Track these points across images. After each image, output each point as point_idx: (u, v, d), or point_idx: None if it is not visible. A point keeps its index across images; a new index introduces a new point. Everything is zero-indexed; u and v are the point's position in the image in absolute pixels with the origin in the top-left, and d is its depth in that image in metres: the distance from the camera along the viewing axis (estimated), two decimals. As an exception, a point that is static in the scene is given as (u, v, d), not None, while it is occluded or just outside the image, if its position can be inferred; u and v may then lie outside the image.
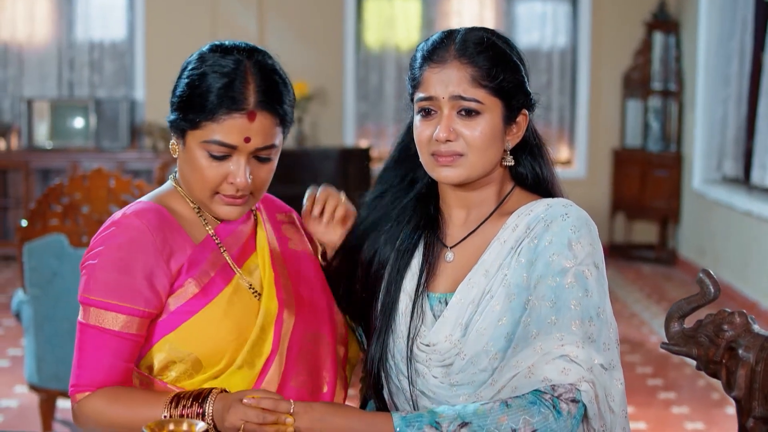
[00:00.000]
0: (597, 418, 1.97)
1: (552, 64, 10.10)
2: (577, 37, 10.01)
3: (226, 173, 2.06)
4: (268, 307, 2.14)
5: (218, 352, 2.07)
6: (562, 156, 10.09)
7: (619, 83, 9.97)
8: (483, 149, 2.08)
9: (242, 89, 2.03)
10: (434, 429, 1.91)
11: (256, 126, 2.04)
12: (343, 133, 10.07)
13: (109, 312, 2.03)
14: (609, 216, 9.99)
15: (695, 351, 1.67)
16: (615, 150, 10.00)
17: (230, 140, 2.03)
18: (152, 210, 2.11)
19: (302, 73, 9.69)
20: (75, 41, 9.92)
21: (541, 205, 2.09)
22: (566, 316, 1.97)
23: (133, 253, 2.05)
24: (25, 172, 9.26)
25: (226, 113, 2.03)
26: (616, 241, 9.99)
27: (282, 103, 2.07)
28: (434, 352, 2.09)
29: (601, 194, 10.06)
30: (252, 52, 2.09)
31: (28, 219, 4.34)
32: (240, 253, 2.18)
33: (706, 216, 8.83)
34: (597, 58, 9.98)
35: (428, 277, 2.16)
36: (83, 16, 9.92)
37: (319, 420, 1.91)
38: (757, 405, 1.59)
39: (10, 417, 5.13)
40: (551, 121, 10.10)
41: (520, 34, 10.12)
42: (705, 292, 1.68)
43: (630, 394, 5.58)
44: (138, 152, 9.47)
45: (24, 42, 9.87)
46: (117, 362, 2.04)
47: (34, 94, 9.76)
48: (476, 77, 2.06)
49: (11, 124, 9.78)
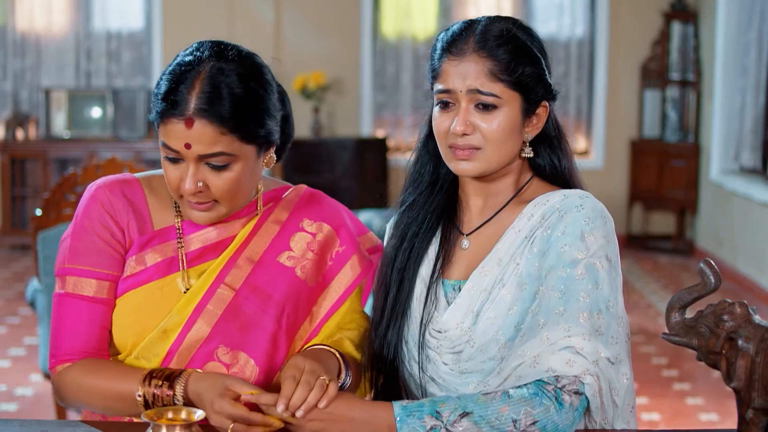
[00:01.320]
0: (599, 411, 1.97)
1: (570, 54, 10.06)
2: (594, 26, 9.97)
3: (182, 176, 2.02)
4: (181, 311, 2.09)
5: (120, 339, 2.10)
6: (580, 146, 10.05)
7: (636, 73, 9.93)
8: (500, 143, 2.07)
9: (185, 94, 1.96)
10: (434, 419, 1.91)
11: (195, 133, 1.96)
12: (359, 123, 10.06)
13: (82, 278, 2.08)
14: (626, 207, 9.96)
15: (695, 341, 1.67)
16: (632, 140, 9.97)
17: (172, 145, 1.99)
18: (124, 183, 2.15)
19: (319, 63, 9.70)
20: (92, 31, 9.94)
21: (557, 195, 2.08)
22: (574, 307, 1.96)
23: (94, 221, 2.09)
24: (42, 162, 9.30)
25: (167, 117, 1.98)
26: (633, 232, 9.96)
27: (228, 111, 1.97)
28: (445, 338, 2.09)
29: (618, 185, 10.03)
30: (220, 56, 2.01)
31: (42, 208, 4.35)
32: (198, 254, 2.13)
33: (723, 206, 8.80)
34: (615, 48, 9.94)
35: (444, 264, 2.15)
36: (101, 7, 9.95)
37: (320, 411, 1.90)
38: (757, 396, 1.58)
39: (25, 405, 5.17)
40: (569, 111, 10.06)
41: (537, 24, 10.08)
42: (706, 282, 1.67)
43: (645, 386, 5.59)
44: (155, 142, 9.47)
45: (42, 32, 9.90)
46: (93, 328, 2.08)
47: (52, 83, 9.79)
48: (494, 71, 2.04)
49: (29, 114, 9.82)
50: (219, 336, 2.07)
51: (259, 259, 2.13)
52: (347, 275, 2.20)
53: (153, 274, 2.10)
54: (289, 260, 2.15)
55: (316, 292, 2.17)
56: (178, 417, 1.74)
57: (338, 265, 2.20)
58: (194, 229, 2.13)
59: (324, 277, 2.19)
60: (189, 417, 1.74)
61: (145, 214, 2.13)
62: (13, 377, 5.65)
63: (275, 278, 2.12)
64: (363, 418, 1.92)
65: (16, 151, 9.38)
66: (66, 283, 2.08)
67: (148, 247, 2.11)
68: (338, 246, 2.21)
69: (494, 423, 1.90)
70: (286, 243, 2.16)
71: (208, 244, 2.13)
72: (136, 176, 2.19)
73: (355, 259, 2.22)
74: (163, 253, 2.11)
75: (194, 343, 2.06)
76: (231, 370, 2.06)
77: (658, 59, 9.70)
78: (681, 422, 5.10)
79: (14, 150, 9.37)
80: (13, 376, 5.66)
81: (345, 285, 2.20)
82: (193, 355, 2.06)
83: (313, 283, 2.16)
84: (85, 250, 2.09)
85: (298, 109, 9.76)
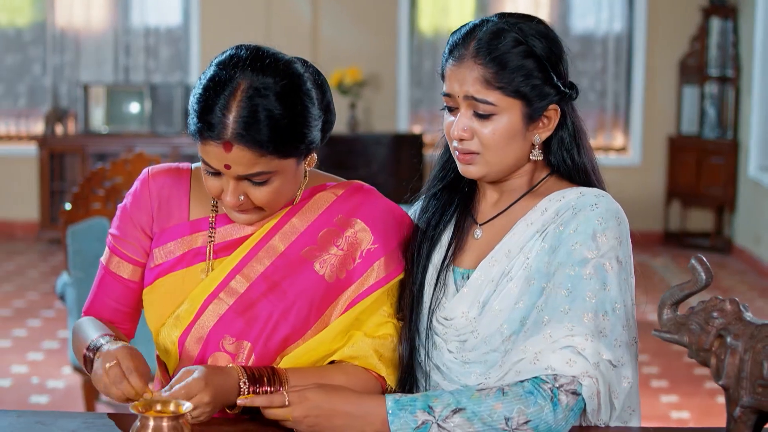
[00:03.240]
0: (595, 413, 1.96)
1: (607, 50, 9.99)
2: (632, 22, 9.89)
3: (222, 187, 2.02)
4: (194, 300, 2.11)
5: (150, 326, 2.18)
6: (617, 143, 9.99)
7: (675, 69, 9.85)
8: (499, 148, 2.05)
9: (221, 117, 1.93)
10: (427, 413, 1.91)
11: (233, 156, 1.95)
12: (396, 119, 10.06)
13: (110, 252, 2.19)
14: (664, 203, 9.89)
15: (686, 338, 1.65)
16: (670, 137, 9.88)
17: (212, 163, 1.98)
18: (173, 172, 2.20)
19: (356, 59, 9.70)
20: (131, 27, 10.01)
21: (573, 192, 2.06)
22: (580, 306, 1.95)
23: (132, 206, 2.18)
24: (81, 157, 9.38)
25: (205, 139, 1.96)
26: (671, 229, 9.89)
27: (267, 135, 1.94)
28: (451, 326, 2.09)
29: (656, 181, 9.95)
30: (258, 70, 1.96)
31: (71, 202, 4.40)
32: (227, 246, 2.14)
33: (762, 204, 8.71)
34: (653, 44, 9.86)
35: (456, 252, 2.15)
36: (139, 2, 10.02)
37: (314, 407, 1.92)
38: (745, 394, 1.56)
39: (56, 398, 5.24)
40: (606, 107, 9.99)
41: (575, 20, 10.04)
42: (696, 279, 1.65)
43: (675, 384, 5.56)
44: (192, 137, 9.53)
45: (81, 28, 9.98)
46: (107, 300, 2.20)
47: (91, 79, 9.87)
48: (489, 79, 2.02)
49: (68, 109, 9.91)
50: (226, 326, 2.08)
51: (282, 253, 2.11)
52: (372, 276, 2.13)
53: (179, 262, 2.13)
54: (311, 255, 2.11)
55: (336, 291, 2.12)
56: (167, 409, 1.76)
57: (366, 265, 2.13)
58: (227, 222, 2.14)
59: (348, 275, 2.12)
60: (177, 409, 1.76)
61: (184, 203, 2.16)
62: (45, 370, 5.71)
63: (293, 272, 2.10)
64: (357, 412, 1.93)
65: (55, 145, 9.47)
66: (104, 253, 2.20)
67: (179, 237, 2.14)
68: (371, 243, 2.13)
69: (486, 420, 1.90)
70: (313, 238, 2.12)
71: (239, 237, 2.13)
72: (191, 166, 2.22)
73: (385, 259, 2.14)
74: (192, 244, 2.13)
75: (203, 332, 2.09)
76: (236, 361, 2.07)
77: (696, 55, 9.61)
78: (711, 421, 5.06)
79: (53, 145, 9.47)
80: (45, 369, 5.73)
81: (367, 285, 2.12)
82: (202, 344, 2.09)
83: (333, 281, 2.11)
84: (117, 228, 2.18)
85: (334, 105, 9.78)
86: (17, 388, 5.41)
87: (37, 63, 10.04)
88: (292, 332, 2.09)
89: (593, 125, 9.81)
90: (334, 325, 2.11)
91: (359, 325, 2.13)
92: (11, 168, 10.00)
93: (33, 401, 5.19)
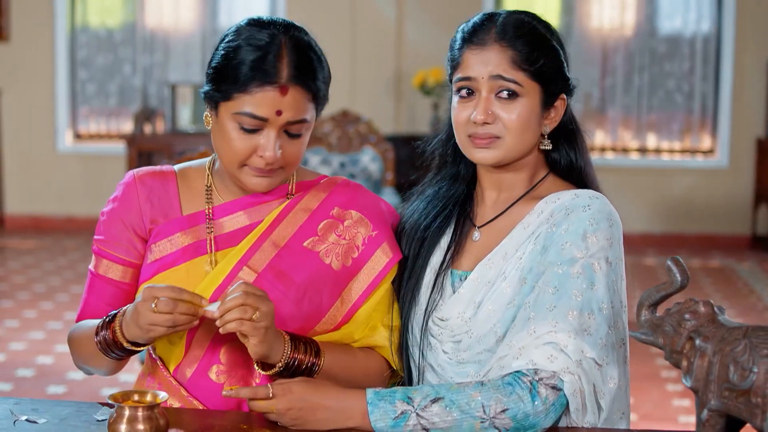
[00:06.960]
0: (580, 413, 1.95)
1: (695, 51, 9.84)
2: (721, 22, 9.72)
3: (256, 146, 2.07)
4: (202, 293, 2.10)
5: None
6: (704, 145, 9.83)
7: (764, 70, 9.66)
8: (520, 132, 2.09)
9: (276, 63, 2.04)
10: (406, 404, 1.94)
11: (288, 100, 2.05)
12: (479, 120, 10.02)
13: (97, 257, 2.23)
14: (752, 207, 9.70)
15: (661, 340, 1.64)
16: (759, 139, 9.69)
17: (261, 113, 2.05)
18: (158, 174, 2.24)
19: (439, 60, 9.67)
20: (219, 28, 10.16)
21: (568, 194, 2.09)
22: (565, 304, 1.97)
23: (120, 208, 2.22)
24: (168, 155, 9.54)
25: (259, 86, 2.04)
26: (759, 233, 9.70)
27: (315, 79, 2.09)
28: (447, 327, 2.12)
29: (744, 185, 9.77)
30: (288, 28, 2.10)
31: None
32: (228, 238, 2.18)
33: None
34: (742, 44, 9.68)
35: (454, 254, 2.18)
36: (227, 4, 10.17)
37: (298, 400, 1.96)
38: (713, 397, 1.54)
39: (72, 388, 5.34)
40: (693, 109, 9.84)
41: (662, 20, 9.91)
42: (672, 280, 1.64)
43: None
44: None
45: (170, 29, 10.18)
46: (99, 303, 2.22)
47: (179, 79, 10.05)
48: (516, 60, 2.07)
49: (156, 109, 10.11)
50: None
51: (285, 244, 2.16)
52: (380, 260, 2.21)
53: (180, 256, 2.16)
54: (315, 245, 2.18)
55: (346, 277, 2.19)
56: (144, 399, 1.80)
57: (370, 250, 2.22)
58: (224, 213, 2.19)
59: (355, 262, 2.20)
60: (154, 399, 1.80)
61: (175, 201, 2.21)
62: (68, 361, 5.82)
63: (299, 262, 2.16)
64: (338, 406, 1.96)
65: (143, 144, 9.66)
66: (92, 259, 2.24)
67: (177, 231, 2.18)
68: (371, 231, 2.23)
69: (464, 407, 1.91)
70: (313, 229, 2.19)
71: (238, 228, 2.18)
72: (174, 167, 2.27)
73: (387, 244, 2.23)
74: (191, 237, 2.17)
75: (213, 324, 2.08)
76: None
77: (786, 55, 9.43)
78: None
79: (141, 143, 9.65)
80: (68, 360, 5.83)
81: (377, 269, 2.21)
82: (212, 337, 2.12)
83: (340, 268, 2.18)
84: (105, 232, 2.22)
85: (417, 105, 9.81)
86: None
87: (127, 63, 10.27)
88: (306, 321, 2.14)
89: (680, 127, 9.68)
90: (360, 314, 2.19)
91: (380, 316, 2.21)
92: (101, 165, 10.25)
93: (51, 391, 5.29)
